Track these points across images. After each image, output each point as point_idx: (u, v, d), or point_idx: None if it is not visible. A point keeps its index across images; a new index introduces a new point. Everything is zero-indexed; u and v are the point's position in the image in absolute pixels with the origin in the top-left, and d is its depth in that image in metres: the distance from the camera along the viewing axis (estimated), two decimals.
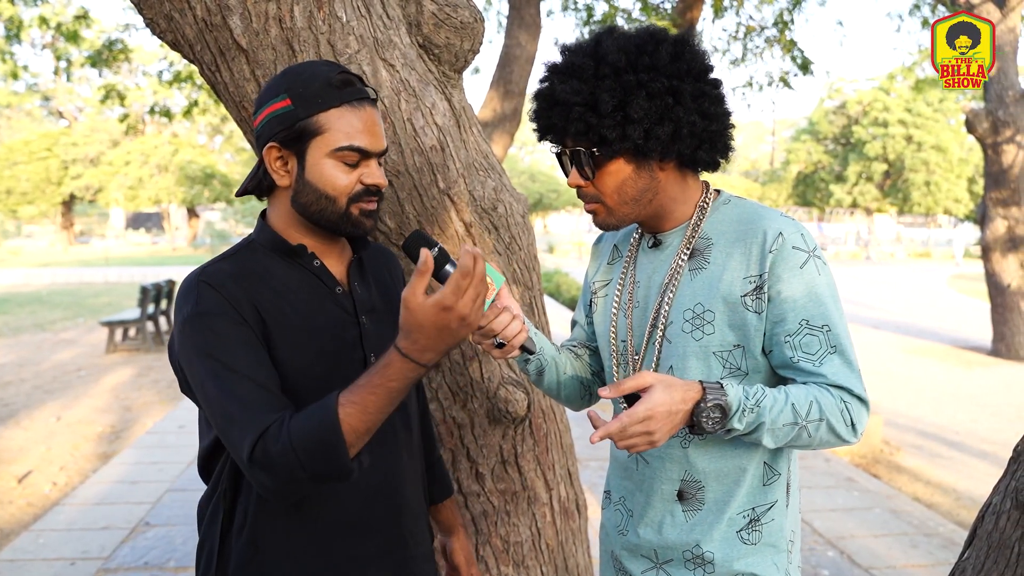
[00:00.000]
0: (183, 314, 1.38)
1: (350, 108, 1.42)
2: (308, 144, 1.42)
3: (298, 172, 1.44)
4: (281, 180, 1.46)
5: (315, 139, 1.41)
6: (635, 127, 1.43)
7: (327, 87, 1.41)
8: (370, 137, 1.44)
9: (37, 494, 5.56)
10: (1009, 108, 10.44)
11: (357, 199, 1.45)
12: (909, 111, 37.81)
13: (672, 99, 1.44)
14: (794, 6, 10.54)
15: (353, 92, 1.44)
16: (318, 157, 1.42)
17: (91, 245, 45.76)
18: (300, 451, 1.25)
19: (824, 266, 1.47)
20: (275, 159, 1.45)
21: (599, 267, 1.76)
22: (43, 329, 13.82)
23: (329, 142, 1.41)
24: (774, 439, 1.39)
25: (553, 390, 1.74)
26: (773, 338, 1.46)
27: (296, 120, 1.41)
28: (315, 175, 1.43)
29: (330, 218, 1.45)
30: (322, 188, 1.43)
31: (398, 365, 1.25)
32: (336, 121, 1.41)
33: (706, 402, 1.34)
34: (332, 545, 1.47)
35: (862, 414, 1.43)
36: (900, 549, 4.51)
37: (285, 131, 1.42)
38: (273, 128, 1.43)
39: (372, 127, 1.45)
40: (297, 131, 1.41)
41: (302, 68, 1.46)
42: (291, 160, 1.44)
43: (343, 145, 1.41)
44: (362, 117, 1.43)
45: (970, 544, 1.58)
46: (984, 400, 8.62)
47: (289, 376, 1.41)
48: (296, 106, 1.41)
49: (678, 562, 1.56)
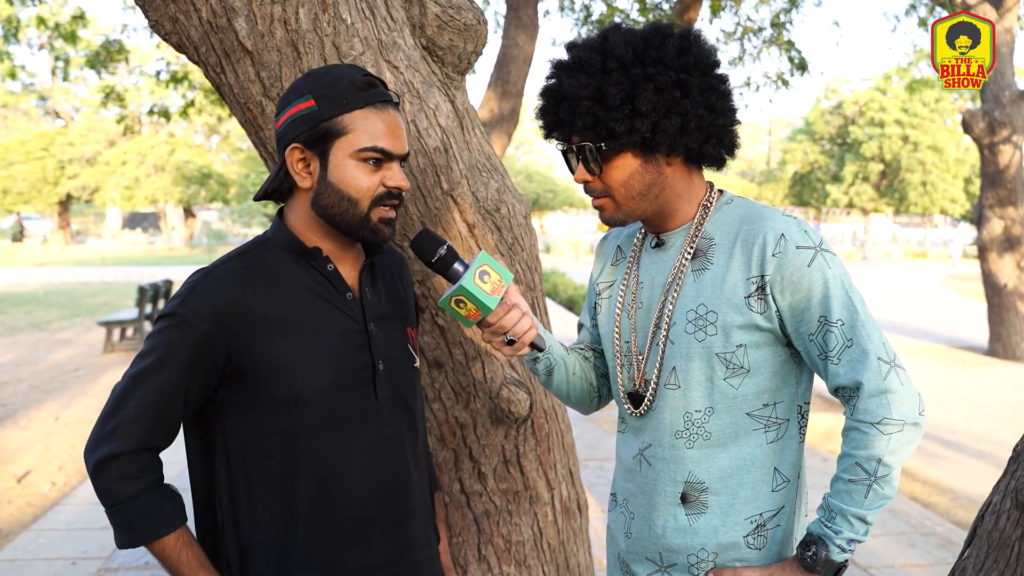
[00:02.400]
0: (169, 304, 1.43)
1: (374, 110, 1.43)
2: (332, 145, 1.42)
3: (320, 173, 1.44)
4: (303, 181, 1.46)
5: (339, 140, 1.42)
6: (643, 120, 1.43)
7: (352, 88, 1.42)
8: (393, 139, 1.45)
9: (36, 494, 5.56)
10: (1006, 108, 10.47)
11: (379, 202, 1.45)
12: (905, 111, 37.88)
13: (679, 92, 1.44)
14: (791, 6, 10.57)
15: (377, 94, 1.44)
16: (341, 158, 1.42)
17: (88, 245, 45.65)
18: (132, 513, 1.41)
19: (833, 257, 1.45)
20: (297, 160, 1.45)
21: (603, 268, 1.76)
22: (40, 329, 13.80)
23: (353, 143, 1.42)
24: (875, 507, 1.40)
25: (563, 391, 1.74)
26: (799, 339, 1.46)
27: (320, 120, 1.41)
28: (338, 176, 1.43)
29: (350, 221, 1.45)
30: (344, 190, 1.43)
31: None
32: (360, 122, 1.42)
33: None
34: (342, 550, 1.48)
35: (889, 401, 1.37)
36: (898, 548, 4.53)
37: (309, 131, 1.42)
38: (297, 129, 1.43)
39: (395, 129, 1.46)
40: (321, 131, 1.42)
41: (326, 70, 1.47)
42: (314, 161, 1.44)
43: (366, 146, 1.42)
44: (385, 119, 1.44)
45: (970, 543, 1.59)
46: (980, 400, 8.65)
47: (294, 381, 1.41)
48: (320, 107, 1.41)
49: (682, 566, 1.54)
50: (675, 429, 1.53)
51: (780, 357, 1.51)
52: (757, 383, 1.49)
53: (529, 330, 1.53)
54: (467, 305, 1.46)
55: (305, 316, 1.45)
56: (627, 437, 1.66)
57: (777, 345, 1.50)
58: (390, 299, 1.61)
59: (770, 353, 1.49)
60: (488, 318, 1.49)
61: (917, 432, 1.40)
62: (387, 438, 1.53)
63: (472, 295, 1.44)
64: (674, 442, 1.53)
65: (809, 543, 1.43)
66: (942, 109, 37.70)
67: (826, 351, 1.43)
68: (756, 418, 1.51)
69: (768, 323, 1.46)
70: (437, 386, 2.17)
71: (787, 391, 1.53)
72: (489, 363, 2.15)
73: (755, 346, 1.47)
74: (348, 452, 1.47)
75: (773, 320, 1.46)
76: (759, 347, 1.48)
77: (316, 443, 1.45)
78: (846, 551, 1.41)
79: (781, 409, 1.52)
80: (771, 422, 1.52)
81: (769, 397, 1.51)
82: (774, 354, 1.50)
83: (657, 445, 1.56)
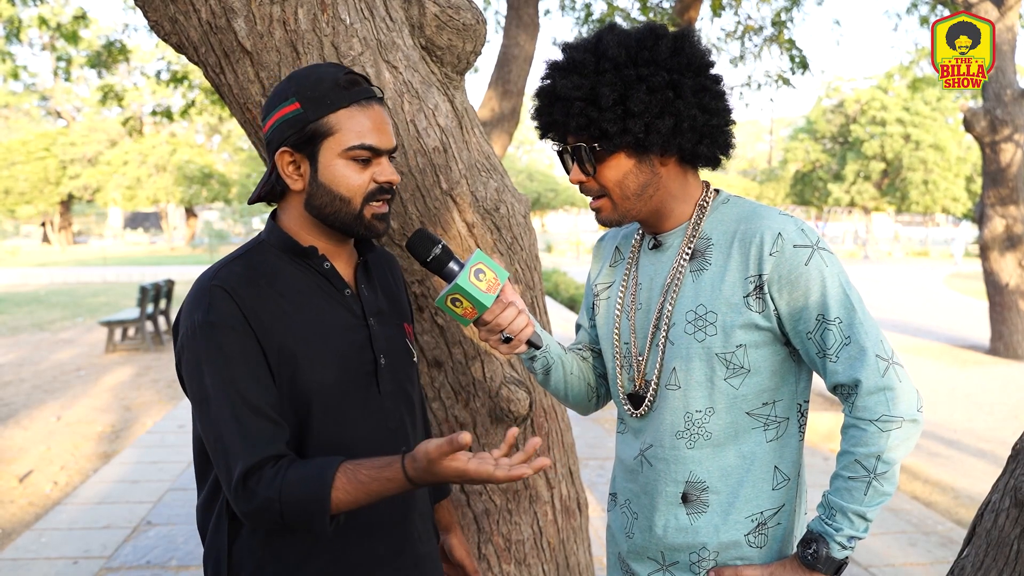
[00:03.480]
0: (193, 320, 1.39)
1: (359, 108, 1.44)
2: (320, 146, 1.43)
3: (311, 175, 1.45)
4: (294, 184, 1.46)
5: (326, 140, 1.43)
6: (636, 121, 1.44)
7: (335, 88, 1.43)
8: (380, 135, 1.45)
9: (38, 493, 5.57)
10: (1007, 107, 10.46)
11: (371, 198, 1.46)
12: (907, 110, 37.86)
13: (672, 93, 1.45)
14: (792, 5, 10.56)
15: (361, 92, 1.45)
16: (330, 158, 1.43)
17: (89, 245, 45.70)
18: (285, 505, 1.31)
19: (830, 255, 1.46)
20: (287, 163, 1.45)
21: (601, 269, 1.76)
22: (42, 329, 13.82)
23: (340, 142, 1.43)
24: (875, 504, 1.40)
25: (560, 390, 1.74)
26: (797, 337, 1.47)
27: (306, 123, 1.42)
28: (328, 176, 1.44)
29: (345, 219, 1.46)
30: (336, 189, 1.44)
31: (399, 481, 1.32)
32: (346, 121, 1.43)
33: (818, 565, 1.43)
34: (346, 547, 1.48)
35: (887, 398, 1.38)
36: (899, 547, 4.53)
37: (296, 134, 1.42)
38: (284, 132, 1.43)
39: (381, 125, 1.46)
40: (308, 133, 1.42)
41: (308, 71, 1.47)
42: (303, 163, 1.45)
43: (354, 144, 1.42)
44: (371, 116, 1.45)
45: (969, 542, 1.59)
46: (981, 399, 8.64)
47: (300, 380, 1.42)
48: (305, 109, 1.42)
49: (684, 565, 1.55)
50: (676, 429, 1.53)
51: (779, 356, 1.51)
52: (757, 382, 1.50)
53: (525, 327, 1.53)
54: (463, 303, 1.47)
55: (308, 313, 1.46)
56: (627, 438, 1.67)
57: (776, 344, 1.50)
58: (385, 295, 1.62)
59: (770, 352, 1.49)
60: (484, 316, 1.50)
61: (916, 429, 1.40)
62: (390, 432, 1.55)
63: (467, 293, 1.45)
64: (675, 442, 1.54)
65: (810, 540, 1.44)
66: (944, 108, 37.66)
67: (824, 349, 1.43)
68: (756, 417, 1.51)
69: (767, 322, 1.46)
70: (437, 385, 2.17)
71: (787, 390, 1.53)
72: (489, 362, 2.15)
73: (755, 346, 1.48)
74: (353, 446, 1.47)
75: (772, 319, 1.46)
76: (759, 346, 1.48)
77: (322, 438, 1.46)
78: (847, 548, 1.42)
79: (781, 408, 1.53)
80: (771, 421, 1.52)
81: (769, 396, 1.51)
82: (773, 353, 1.50)
83: (658, 445, 1.56)
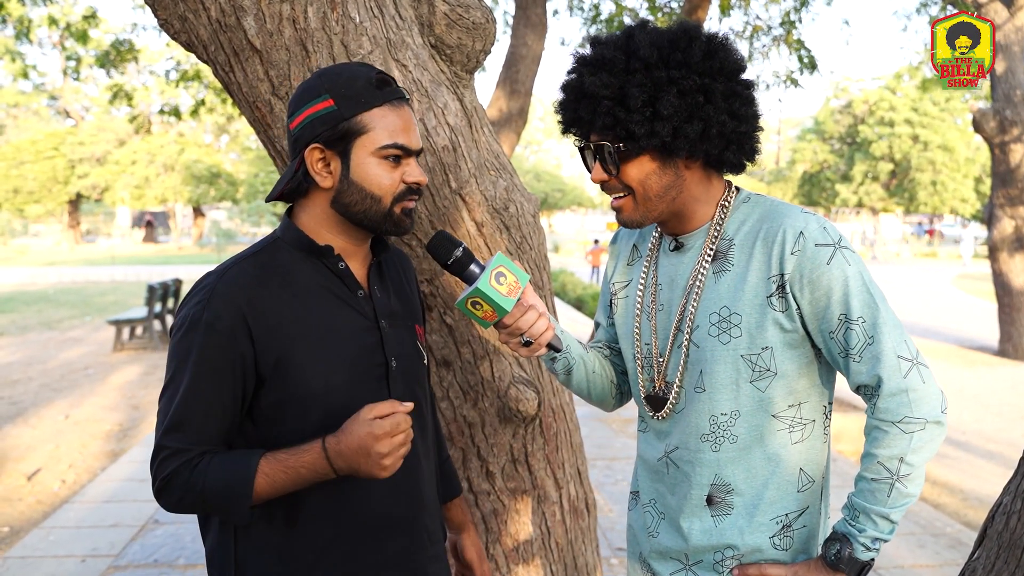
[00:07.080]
0: (186, 309, 1.42)
1: (391, 107, 1.45)
2: (352, 144, 1.43)
3: (342, 172, 1.45)
4: (324, 181, 1.46)
5: (359, 138, 1.43)
6: (664, 124, 1.41)
7: (369, 87, 1.43)
8: (410, 135, 1.47)
9: (46, 492, 5.59)
10: (1017, 107, 10.40)
11: (401, 198, 1.47)
12: (915, 110, 37.74)
13: (703, 98, 1.43)
14: (801, 5, 10.53)
15: (392, 92, 1.46)
16: (363, 156, 1.44)
17: (97, 244, 45.86)
18: (207, 494, 1.36)
19: (852, 254, 1.43)
20: (317, 160, 1.45)
21: (617, 267, 1.74)
22: (50, 328, 13.87)
23: (374, 141, 1.43)
24: (899, 506, 1.40)
25: (583, 389, 1.73)
26: (820, 337, 1.45)
27: (340, 120, 1.42)
28: (360, 175, 1.44)
29: (374, 218, 1.47)
30: (368, 188, 1.44)
31: (314, 456, 1.35)
32: (379, 120, 1.43)
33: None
34: (356, 547, 1.48)
35: (911, 399, 1.37)
36: (907, 549, 4.51)
37: (329, 131, 1.42)
38: (316, 129, 1.43)
39: (410, 126, 1.48)
40: (341, 131, 1.42)
41: (340, 69, 1.48)
42: (334, 161, 1.45)
43: (387, 143, 1.43)
44: (402, 116, 1.46)
45: (980, 544, 1.57)
46: (990, 400, 8.61)
47: (311, 379, 1.42)
48: (340, 106, 1.42)
49: (707, 564, 1.54)
50: (700, 432, 1.52)
51: (806, 358, 1.49)
52: (783, 384, 1.48)
53: (546, 331, 1.51)
54: (483, 307, 1.46)
55: (320, 314, 1.46)
56: (649, 437, 1.65)
57: (804, 346, 1.48)
58: (398, 297, 1.62)
59: (796, 354, 1.47)
60: (504, 319, 1.48)
61: (940, 431, 1.38)
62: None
63: (488, 297, 1.44)
64: (700, 445, 1.52)
65: (834, 541, 1.43)
66: (952, 108, 37.54)
67: (847, 349, 1.41)
68: (782, 419, 1.49)
69: (791, 322, 1.44)
70: (445, 385, 2.17)
71: (814, 392, 1.51)
72: (497, 362, 2.15)
73: (781, 347, 1.46)
74: None
75: (795, 319, 1.44)
76: (785, 348, 1.46)
77: None
78: (871, 550, 1.40)
79: (807, 409, 1.51)
80: (796, 423, 1.50)
81: (795, 398, 1.49)
82: (800, 355, 1.48)
83: (683, 448, 1.55)
